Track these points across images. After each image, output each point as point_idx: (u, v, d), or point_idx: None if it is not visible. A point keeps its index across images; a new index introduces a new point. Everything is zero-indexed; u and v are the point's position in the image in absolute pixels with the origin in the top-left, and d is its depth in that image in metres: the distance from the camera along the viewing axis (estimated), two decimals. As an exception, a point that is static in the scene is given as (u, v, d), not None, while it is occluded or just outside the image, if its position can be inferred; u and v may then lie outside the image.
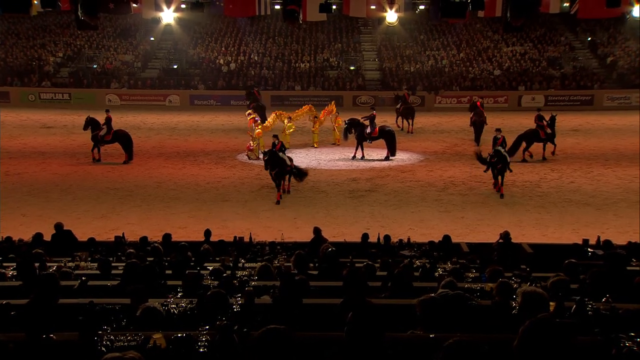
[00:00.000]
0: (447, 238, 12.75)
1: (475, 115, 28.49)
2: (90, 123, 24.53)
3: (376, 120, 25.35)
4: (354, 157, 24.88)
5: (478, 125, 28.08)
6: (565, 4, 24.24)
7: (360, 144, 24.84)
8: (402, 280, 7.67)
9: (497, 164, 19.98)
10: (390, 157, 25.04)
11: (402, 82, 42.20)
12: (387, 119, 33.05)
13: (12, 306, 5.66)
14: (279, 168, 19.32)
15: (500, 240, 12.53)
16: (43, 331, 4.55)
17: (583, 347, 4.61)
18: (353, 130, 24.79)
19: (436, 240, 12.90)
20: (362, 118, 25.15)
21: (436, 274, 9.04)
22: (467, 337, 3.77)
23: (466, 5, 18.22)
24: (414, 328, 5.24)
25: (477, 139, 27.95)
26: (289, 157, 20.07)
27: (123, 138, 24.43)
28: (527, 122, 30.50)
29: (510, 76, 42.48)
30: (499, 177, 20.13)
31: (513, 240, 12.48)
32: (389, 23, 26.40)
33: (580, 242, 12.87)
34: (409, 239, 13.37)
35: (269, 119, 27.08)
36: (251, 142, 25.17)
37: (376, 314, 5.19)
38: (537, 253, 12.32)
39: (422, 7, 29.27)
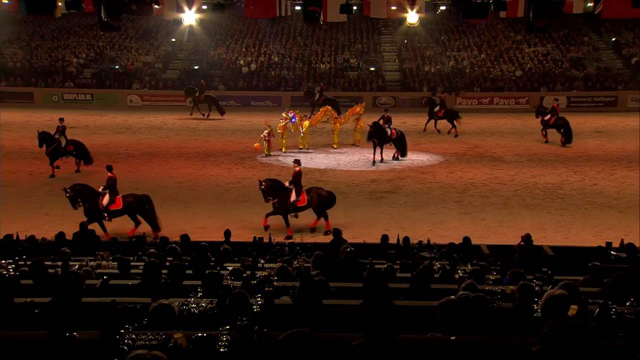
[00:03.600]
0: (467, 240, 12.67)
1: (557, 117, 28.51)
2: (44, 139, 22.73)
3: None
4: (374, 162, 24.44)
5: (566, 125, 28.05)
6: (589, 4, 23.96)
7: (382, 147, 24.61)
8: (422, 282, 7.63)
9: None
10: (400, 158, 25.08)
11: (422, 83, 42.06)
12: (406, 120, 33.00)
13: (35, 304, 5.73)
14: (280, 199, 16.50)
15: (522, 243, 12.43)
16: (66, 329, 4.60)
17: (607, 352, 4.55)
18: (376, 135, 24.37)
19: (456, 242, 12.82)
20: (381, 121, 25.02)
21: (456, 276, 8.97)
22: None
23: (488, 5, 18.09)
24: (434, 330, 5.21)
25: (570, 139, 27.84)
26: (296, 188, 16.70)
27: (82, 148, 23.40)
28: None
29: (532, 77, 42.12)
30: None
31: (534, 243, 12.37)
32: (410, 24, 26.27)
33: (603, 245, 12.70)
34: (428, 240, 13.32)
35: (318, 115, 28.28)
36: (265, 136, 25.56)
37: (397, 314, 5.18)
38: (559, 256, 12.19)
39: (443, 7, 29.10)
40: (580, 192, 20.49)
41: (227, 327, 4.90)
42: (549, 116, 28.95)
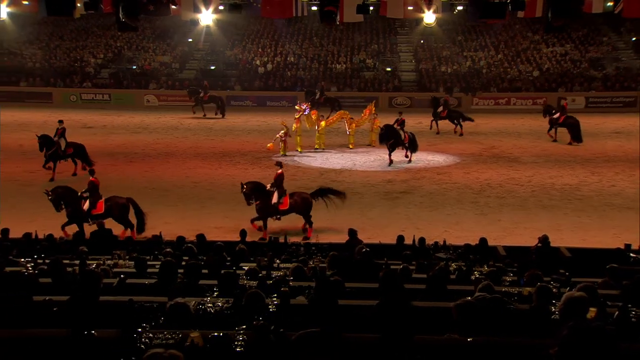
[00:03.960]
0: (483, 241, 12.60)
1: (567, 116, 28.48)
2: (45, 142, 22.37)
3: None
4: (390, 162, 24.19)
5: (575, 125, 28.03)
6: (609, 4, 23.75)
7: (393, 150, 24.12)
8: (438, 283, 7.60)
9: None
10: (410, 157, 24.83)
11: (439, 83, 41.89)
12: (422, 120, 32.86)
13: (54, 302, 5.79)
14: (262, 201, 16.41)
15: (539, 244, 12.34)
16: (84, 327, 4.64)
17: (626, 355, 4.50)
18: (388, 138, 24.01)
19: (472, 243, 12.75)
20: (395, 124, 24.87)
21: (472, 277, 8.93)
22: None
23: (506, 5, 17.96)
24: (451, 331, 5.18)
25: (579, 137, 27.86)
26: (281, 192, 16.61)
27: (82, 150, 22.88)
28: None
29: (550, 77, 41.80)
30: None
31: (551, 244, 12.27)
32: (427, 24, 26.22)
33: (621, 247, 12.57)
34: (444, 241, 13.26)
35: (333, 117, 28.44)
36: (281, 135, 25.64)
37: (413, 315, 5.17)
38: (577, 257, 12.09)
39: (460, 7, 28.98)
40: (598, 194, 20.29)
41: (244, 326, 4.92)
42: (557, 115, 28.87)
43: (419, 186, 21.37)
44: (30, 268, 9.13)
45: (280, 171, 16.81)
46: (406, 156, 24.73)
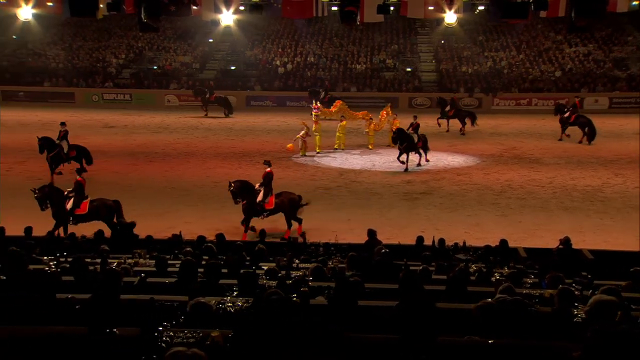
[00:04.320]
0: (504, 242, 12.49)
1: (578, 115, 28.54)
2: (45, 145, 21.90)
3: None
4: (406, 169, 23.51)
5: (587, 123, 28.08)
6: (634, 3, 23.46)
7: (408, 153, 23.54)
8: (458, 285, 7.55)
9: None
10: (421, 160, 24.37)
11: (459, 83, 41.68)
12: (442, 121, 32.68)
13: (76, 300, 5.84)
14: (249, 200, 16.30)
15: (560, 246, 12.21)
16: (106, 325, 4.68)
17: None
18: (401, 141, 23.50)
19: (492, 245, 12.65)
20: (409, 128, 24.55)
21: (493, 279, 8.87)
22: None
23: (528, 5, 17.79)
24: (471, 333, 5.15)
25: (593, 136, 27.91)
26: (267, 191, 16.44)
27: (84, 151, 22.52)
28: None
29: (573, 78, 41.35)
30: None
31: (573, 246, 12.13)
32: (448, 24, 26.09)
33: (645, 249, 12.41)
34: (464, 242, 13.17)
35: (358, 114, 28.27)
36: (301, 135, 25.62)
37: (434, 316, 5.14)
38: (599, 260, 11.94)
39: (481, 7, 28.78)
40: (621, 195, 20.03)
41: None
42: (568, 113, 28.85)
43: (439, 187, 21.26)
44: (53, 266, 9.24)
45: (268, 170, 16.64)
46: (419, 164, 24.04)
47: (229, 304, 6.03)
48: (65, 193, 15.84)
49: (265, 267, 9.28)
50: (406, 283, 7.05)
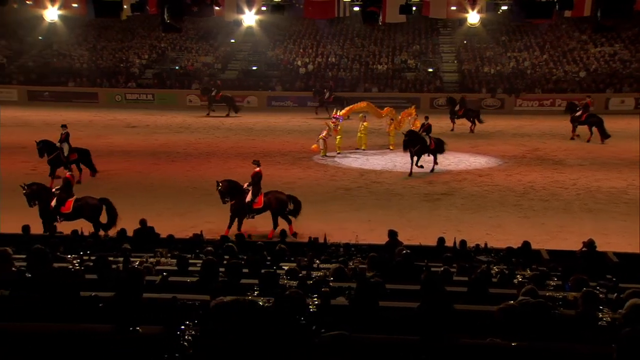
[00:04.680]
0: (526, 244, 12.36)
1: (590, 114, 28.54)
2: (45, 148, 21.32)
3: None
4: (410, 173, 22.59)
5: (599, 122, 28.10)
6: (662, 2, 23.05)
7: (419, 157, 22.68)
8: (480, 286, 7.50)
9: None
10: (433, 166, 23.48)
11: (481, 84, 41.41)
12: (464, 121, 32.49)
13: (99, 298, 5.91)
14: (237, 200, 16.22)
15: (584, 249, 12.06)
16: (129, 324, 4.72)
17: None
18: (414, 144, 22.69)
19: (515, 247, 12.53)
20: (420, 130, 23.93)
21: (515, 281, 8.78)
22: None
23: (553, 4, 17.59)
24: (493, 335, 5.10)
25: (605, 134, 27.95)
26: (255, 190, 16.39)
27: (86, 154, 22.01)
28: (615, 125, 29.31)
29: (598, 78, 40.85)
30: None
31: (598, 249, 11.98)
32: (471, 24, 25.90)
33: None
34: (486, 244, 13.06)
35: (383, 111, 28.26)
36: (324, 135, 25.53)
37: (455, 318, 5.11)
38: (624, 263, 11.77)
39: (504, 7, 28.53)
40: (647, 197, 19.72)
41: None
42: (580, 112, 28.72)
43: (460, 188, 21.13)
44: (76, 264, 9.34)
45: (258, 169, 16.56)
46: (432, 170, 23.10)
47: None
48: (53, 190, 15.94)
49: (286, 267, 9.30)
50: (428, 284, 7.02)
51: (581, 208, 18.77)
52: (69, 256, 10.17)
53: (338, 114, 27.03)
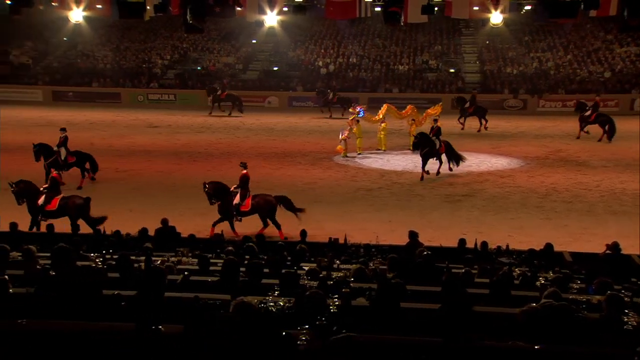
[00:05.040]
0: (549, 246, 12.23)
1: (599, 114, 28.65)
2: (41, 151, 20.55)
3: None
4: (422, 178, 22.05)
5: (608, 121, 28.18)
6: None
7: (426, 159, 22.04)
8: (502, 288, 7.43)
9: None
10: (454, 168, 22.91)
11: (504, 84, 41.09)
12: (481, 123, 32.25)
13: (122, 297, 5.95)
14: (224, 202, 16.30)
15: (608, 251, 11.90)
16: (152, 322, 4.75)
17: None
18: (423, 146, 22.02)
19: (537, 248, 12.40)
20: (430, 133, 23.19)
21: (537, 284, 8.69)
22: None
23: (578, 4, 17.36)
24: (515, 338, 5.05)
25: (613, 133, 28.09)
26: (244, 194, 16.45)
27: (89, 158, 21.27)
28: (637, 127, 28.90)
29: (623, 78, 40.28)
30: None
31: (622, 252, 11.81)
32: (494, 24, 25.65)
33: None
34: (507, 245, 12.94)
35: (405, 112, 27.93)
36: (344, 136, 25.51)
37: (475, 320, 5.07)
38: (650, 266, 11.58)
39: (527, 7, 28.25)
40: (673, 200, 19.40)
41: (306, 326, 4.93)
42: (589, 112, 28.75)
43: (482, 189, 20.98)
44: (99, 263, 9.43)
45: (244, 172, 16.59)
46: (438, 173, 22.35)
47: (271, 304, 6.06)
48: (41, 189, 16.09)
49: (306, 268, 9.30)
50: (449, 286, 6.98)
51: (605, 210, 18.53)
52: (92, 255, 10.27)
53: (360, 107, 27.13)
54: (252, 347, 4.55)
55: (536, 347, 4.67)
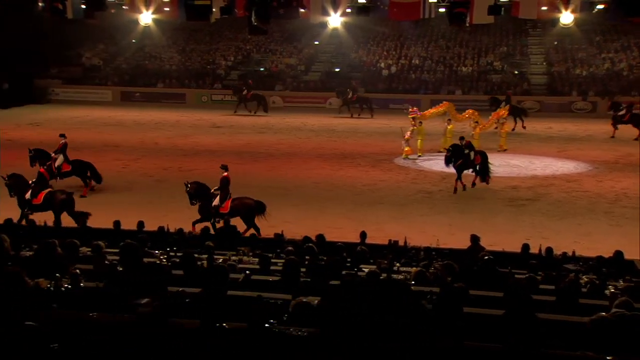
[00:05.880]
0: (619, 254, 11.79)
1: (633, 114, 28.75)
2: (37, 157, 19.76)
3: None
4: (455, 190, 20.81)
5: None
6: None
7: (460, 173, 20.84)
8: (569, 296, 7.21)
9: None
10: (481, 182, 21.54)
11: (572, 86, 39.87)
12: (552, 125, 31.37)
13: (186, 294, 6.08)
14: (203, 203, 16.29)
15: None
16: (216, 320, 4.84)
17: None
18: (456, 159, 21.00)
19: (605, 256, 11.97)
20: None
21: (607, 292, 8.39)
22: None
23: (656, 2, 16.68)
24: (584, 348, 4.89)
25: None
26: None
27: (89, 167, 20.36)
28: None
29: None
30: None
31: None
32: (564, 24, 24.96)
33: None
34: (574, 252, 12.56)
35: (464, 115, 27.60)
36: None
37: (540, 328, 4.94)
38: None
39: (600, 6, 27.32)
40: None
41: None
42: (624, 111, 28.51)
43: (547, 194, 20.43)
44: (164, 260, 9.65)
45: (225, 174, 16.56)
46: (474, 184, 21.25)
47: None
48: (30, 182, 16.62)
49: (366, 270, 9.26)
50: (512, 292, 6.82)
51: (680, 217, 17.71)
52: (157, 252, 10.52)
53: (415, 109, 26.97)
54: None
55: (608, 358, 4.51)
